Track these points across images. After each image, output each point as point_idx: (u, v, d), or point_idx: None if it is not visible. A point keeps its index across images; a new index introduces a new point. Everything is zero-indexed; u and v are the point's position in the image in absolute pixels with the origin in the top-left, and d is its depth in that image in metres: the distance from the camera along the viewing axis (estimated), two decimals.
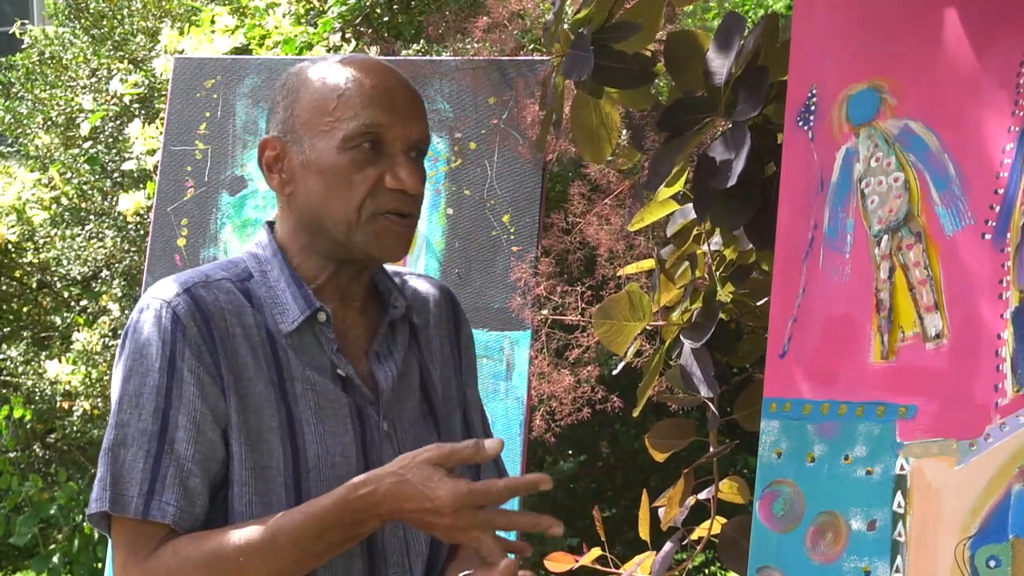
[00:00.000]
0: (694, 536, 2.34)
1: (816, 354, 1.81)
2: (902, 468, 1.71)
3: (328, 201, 1.67)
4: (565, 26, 2.22)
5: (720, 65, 2.07)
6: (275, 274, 1.71)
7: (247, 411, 1.64)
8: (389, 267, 1.83)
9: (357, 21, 4.33)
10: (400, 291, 1.80)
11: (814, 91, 1.87)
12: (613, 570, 2.53)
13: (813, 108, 1.87)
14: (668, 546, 2.29)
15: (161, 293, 1.66)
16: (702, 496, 2.33)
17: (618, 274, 2.58)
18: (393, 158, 1.67)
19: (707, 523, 2.31)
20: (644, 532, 2.40)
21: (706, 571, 5.28)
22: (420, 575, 1.73)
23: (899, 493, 1.71)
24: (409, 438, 1.74)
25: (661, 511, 2.37)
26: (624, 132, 2.49)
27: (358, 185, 1.66)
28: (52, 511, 4.93)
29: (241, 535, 1.59)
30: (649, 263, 2.46)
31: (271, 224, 1.77)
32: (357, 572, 1.68)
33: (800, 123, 1.88)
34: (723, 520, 2.24)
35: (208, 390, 1.63)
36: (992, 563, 1.62)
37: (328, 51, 4.15)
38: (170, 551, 1.60)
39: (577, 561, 2.54)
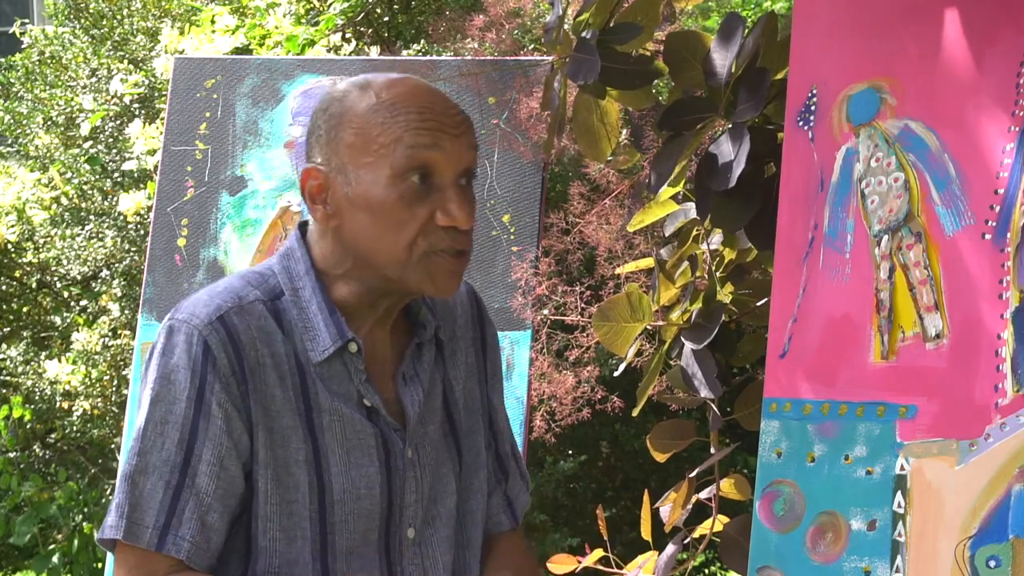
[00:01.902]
0: (696, 535, 2.34)
1: (816, 354, 1.81)
2: (902, 468, 1.71)
3: (378, 239, 1.60)
4: (566, 27, 2.23)
5: (720, 65, 2.07)
6: (307, 294, 1.65)
7: (274, 445, 1.61)
8: None
9: (358, 19, 4.33)
10: (431, 308, 1.75)
11: (814, 91, 1.87)
12: (615, 571, 2.53)
13: (813, 108, 1.87)
14: (671, 547, 2.28)
15: (194, 317, 1.60)
16: (703, 495, 2.33)
17: (617, 272, 2.58)
18: (443, 192, 1.59)
19: (708, 522, 2.31)
20: (646, 533, 2.40)
21: (706, 571, 5.28)
22: None
23: (899, 493, 1.71)
24: (430, 462, 1.71)
25: (662, 511, 2.37)
26: (624, 132, 2.49)
27: (408, 224, 1.58)
28: (52, 511, 4.93)
29: None
30: (648, 262, 2.46)
31: (303, 229, 1.70)
32: None
33: (800, 123, 1.88)
34: (725, 519, 2.24)
35: (234, 425, 1.59)
36: (992, 563, 1.62)
37: (328, 51, 4.15)
38: None
39: (580, 562, 2.54)
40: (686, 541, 2.34)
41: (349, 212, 1.61)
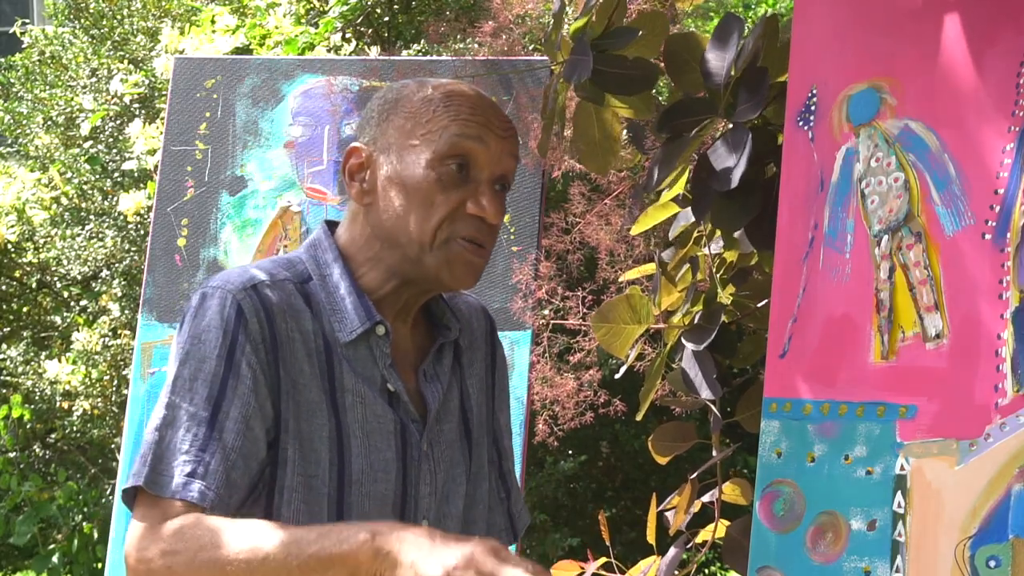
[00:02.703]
0: (699, 540, 2.34)
1: (816, 354, 1.81)
2: (902, 468, 1.71)
3: (406, 217, 1.65)
4: (565, 34, 2.22)
5: (720, 66, 2.07)
6: (335, 279, 1.69)
7: (300, 418, 1.63)
8: None
9: (358, 21, 4.33)
10: (454, 314, 1.79)
11: (814, 91, 1.87)
12: (617, 575, 2.53)
13: (813, 108, 1.87)
14: (673, 551, 2.28)
15: (227, 284, 1.63)
16: (705, 499, 2.33)
17: (620, 280, 2.58)
18: (478, 185, 1.65)
19: (711, 526, 2.31)
20: (651, 536, 2.40)
21: (707, 571, 5.29)
22: None
23: (899, 493, 1.71)
24: (445, 459, 1.73)
25: (668, 515, 2.37)
26: (624, 133, 2.49)
27: (439, 206, 1.64)
28: (52, 511, 4.93)
29: (245, 540, 1.51)
30: (651, 267, 2.45)
31: (330, 226, 1.74)
32: None
33: (800, 123, 1.88)
34: (726, 523, 2.24)
35: (261, 389, 1.60)
36: (992, 563, 1.62)
37: (328, 51, 4.15)
38: (193, 519, 1.53)
39: (583, 568, 2.54)
40: (689, 546, 2.34)
41: (384, 190, 1.67)
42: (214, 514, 1.56)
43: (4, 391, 5.13)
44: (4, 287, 5.40)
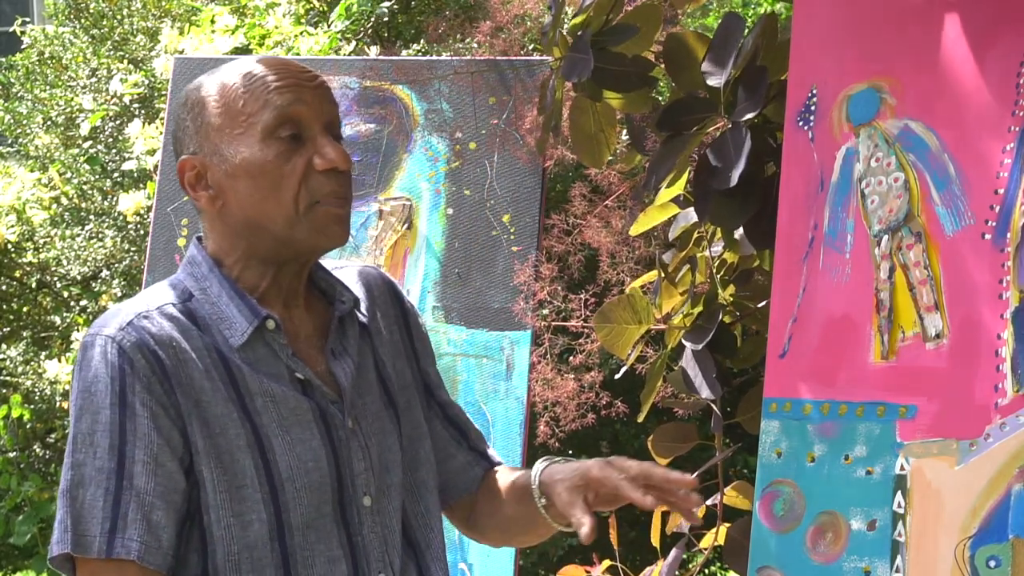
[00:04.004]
0: (702, 544, 2.34)
1: (816, 354, 1.80)
2: (902, 468, 1.71)
3: (263, 202, 1.64)
4: (563, 31, 2.23)
5: (719, 66, 2.07)
6: (215, 290, 1.68)
7: (213, 435, 1.61)
8: (323, 261, 1.80)
9: (359, 35, 4.33)
10: (344, 285, 1.78)
11: (814, 91, 1.87)
12: None
13: (813, 108, 1.87)
14: (674, 553, 2.28)
15: (104, 328, 1.63)
16: (708, 503, 2.33)
17: (626, 291, 2.58)
18: (315, 140, 1.65)
19: (714, 530, 2.31)
20: (656, 539, 2.40)
21: (707, 570, 5.28)
22: (399, 569, 1.72)
23: (899, 493, 1.71)
24: (374, 431, 1.73)
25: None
26: (624, 134, 2.49)
27: (288, 177, 1.63)
28: (52, 511, 4.93)
29: None
30: (654, 275, 2.45)
31: (199, 240, 1.73)
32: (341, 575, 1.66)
33: (800, 123, 1.88)
34: (728, 525, 2.24)
35: (161, 422, 1.59)
36: (992, 563, 1.62)
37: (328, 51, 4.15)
38: None
39: (588, 572, 2.54)
40: (693, 550, 2.34)
41: (231, 186, 1.66)
42: (147, 560, 1.56)
43: (4, 391, 5.13)
44: (4, 287, 5.40)
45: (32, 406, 5.00)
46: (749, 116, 2.01)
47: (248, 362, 1.65)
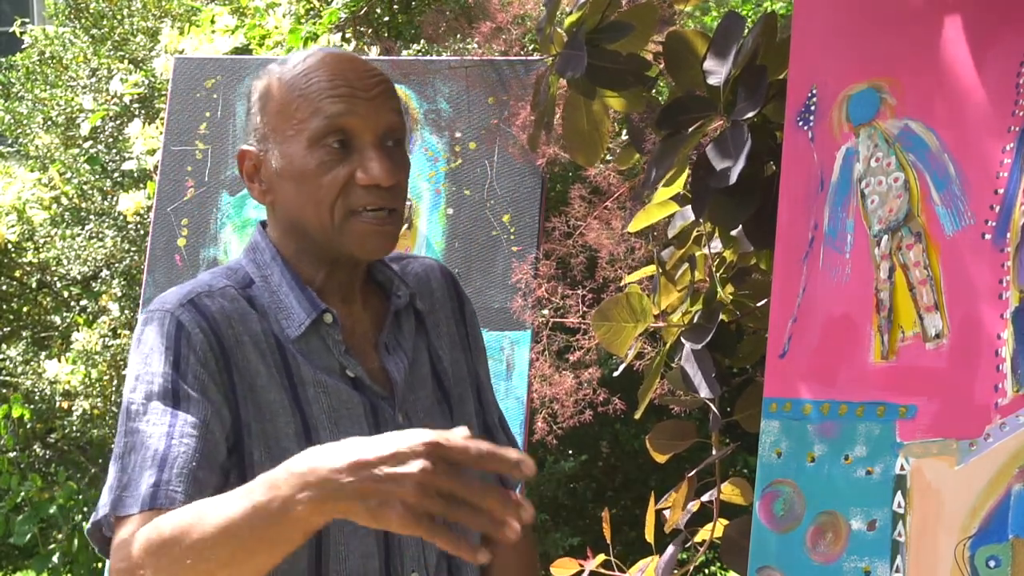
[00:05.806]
0: (698, 539, 2.34)
1: (816, 354, 1.80)
2: (902, 468, 1.71)
3: (303, 206, 1.66)
4: (559, 29, 2.22)
5: (719, 65, 2.07)
6: (276, 279, 1.70)
7: (263, 419, 1.62)
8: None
9: (359, 14, 4.33)
10: (401, 279, 1.79)
11: (814, 91, 1.87)
12: (617, 573, 2.53)
13: (813, 108, 1.87)
14: (671, 550, 2.29)
15: (164, 304, 1.65)
16: (704, 499, 2.33)
17: (622, 284, 2.58)
18: (363, 152, 1.64)
19: (710, 525, 2.31)
20: (650, 535, 2.40)
21: (706, 571, 5.28)
22: (435, 569, 1.71)
23: (899, 493, 1.71)
24: (424, 427, 1.72)
25: (666, 512, 2.37)
26: (624, 134, 2.49)
27: (328, 187, 1.63)
28: (52, 511, 4.93)
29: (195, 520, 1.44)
30: (652, 269, 2.46)
31: (264, 225, 1.75)
32: (373, 572, 1.66)
33: (800, 123, 1.88)
34: (725, 522, 2.24)
35: (213, 396, 1.60)
36: (992, 563, 1.62)
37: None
38: (153, 525, 1.48)
39: (582, 566, 2.54)
40: (688, 545, 2.34)
41: (279, 185, 1.67)
42: None
43: (4, 391, 5.13)
44: (4, 287, 5.40)
45: (32, 406, 5.00)
46: (749, 115, 2.01)
47: (303, 353, 1.67)
